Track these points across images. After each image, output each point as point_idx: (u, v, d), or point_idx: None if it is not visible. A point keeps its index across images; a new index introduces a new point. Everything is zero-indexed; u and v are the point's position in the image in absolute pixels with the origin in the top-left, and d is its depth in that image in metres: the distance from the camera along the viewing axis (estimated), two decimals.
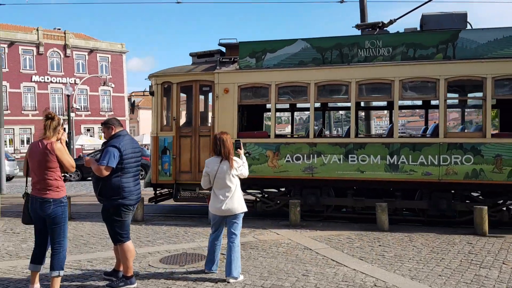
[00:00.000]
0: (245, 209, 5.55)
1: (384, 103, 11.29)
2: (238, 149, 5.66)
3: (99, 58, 46.35)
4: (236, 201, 5.42)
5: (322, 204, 9.34)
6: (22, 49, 41.63)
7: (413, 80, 8.84)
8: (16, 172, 23.46)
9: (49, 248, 4.97)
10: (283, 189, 9.93)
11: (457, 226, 8.54)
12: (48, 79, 42.81)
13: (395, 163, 8.62)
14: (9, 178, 20.23)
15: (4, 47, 39.16)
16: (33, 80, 42.07)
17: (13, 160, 23.84)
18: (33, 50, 42.23)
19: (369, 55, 8.92)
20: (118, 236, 5.28)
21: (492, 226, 8.06)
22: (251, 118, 11.18)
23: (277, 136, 9.98)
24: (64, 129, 5.07)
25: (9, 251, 7.02)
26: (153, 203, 10.67)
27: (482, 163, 8.22)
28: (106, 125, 5.38)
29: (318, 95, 9.26)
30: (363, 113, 13.23)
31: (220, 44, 10.34)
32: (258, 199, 9.91)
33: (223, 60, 9.87)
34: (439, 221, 8.72)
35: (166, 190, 10.69)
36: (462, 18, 8.85)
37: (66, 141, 5.27)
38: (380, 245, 7.11)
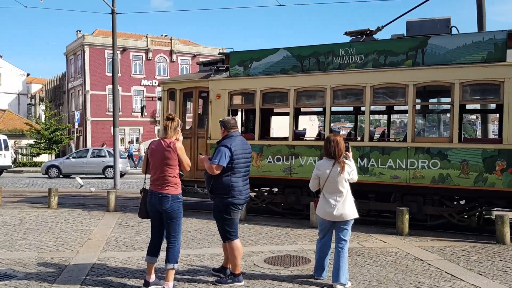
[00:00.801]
0: (357, 215, 5.34)
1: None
2: (347, 152, 5.47)
3: None
4: (347, 207, 5.24)
5: (302, 203, 9.94)
6: (133, 55, 44.89)
7: (383, 86, 9.05)
8: (127, 169, 25.35)
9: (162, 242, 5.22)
10: (275, 189, 10.52)
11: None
12: (155, 83, 45.68)
13: (365, 166, 8.92)
14: (121, 175, 21.85)
15: (118, 54, 42.57)
16: (142, 84, 45.17)
17: (125, 158, 25.77)
18: (142, 56, 45.34)
19: (343, 62, 9.29)
20: (227, 233, 5.38)
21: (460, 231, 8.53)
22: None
23: (261, 138, 10.39)
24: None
25: (125, 243, 7.52)
26: None
27: (448, 168, 8.26)
28: (221, 124, 5.54)
29: (298, 100, 9.78)
30: (473, 116, 12.47)
31: (219, 54, 11.41)
32: None
33: (217, 68, 10.77)
34: (411, 224, 8.48)
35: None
36: (444, 23, 8.91)
37: None
38: (501, 260, 6.48)
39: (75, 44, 45.24)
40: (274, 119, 12.96)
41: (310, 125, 50.69)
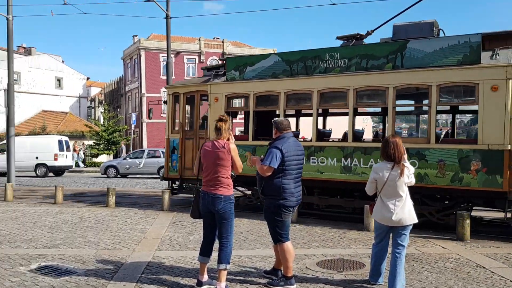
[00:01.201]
0: (416, 220, 5.09)
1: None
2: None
3: None
4: (407, 212, 5.01)
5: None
6: (186, 58, 45.87)
7: (365, 88, 9.43)
8: None
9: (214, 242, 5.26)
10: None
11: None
12: None
13: (349, 165, 9.38)
14: None
15: (172, 57, 43.65)
16: None
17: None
18: (195, 58, 46.22)
19: (329, 66, 9.72)
20: (278, 235, 5.33)
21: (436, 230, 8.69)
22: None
23: (254, 139, 10.83)
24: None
25: (179, 242, 7.66)
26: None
27: (426, 167, 8.54)
28: (274, 125, 5.50)
29: (288, 103, 10.38)
30: None
31: (220, 59, 13.60)
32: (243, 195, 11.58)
33: (216, 73, 11.54)
34: None
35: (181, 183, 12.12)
36: (429, 26, 9.09)
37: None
38: None
39: (131, 49, 46.83)
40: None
41: (364, 125, 50.01)
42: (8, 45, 19.59)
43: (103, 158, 37.07)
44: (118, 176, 24.92)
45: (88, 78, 54.75)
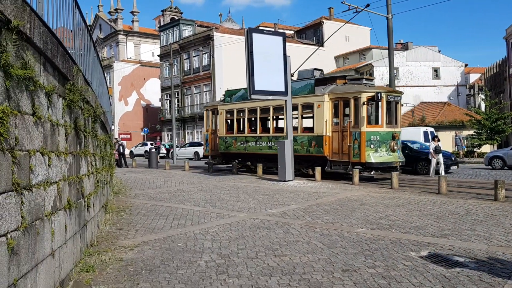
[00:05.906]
0: None
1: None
2: None
3: None
4: None
5: (253, 165, 20.98)
6: None
7: (277, 106, 19.34)
8: None
9: None
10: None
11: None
12: None
13: (269, 145, 19.72)
14: None
15: None
16: None
17: None
18: None
19: None
20: None
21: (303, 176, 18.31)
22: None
23: (238, 132, 22.14)
24: None
25: None
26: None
27: (297, 145, 18.17)
28: None
29: (249, 113, 21.33)
30: None
31: (226, 91, 23.29)
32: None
33: (222, 99, 23.16)
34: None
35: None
36: (311, 72, 19.14)
37: None
38: None
39: None
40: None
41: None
42: (389, 42, 21.05)
43: (486, 149, 34.79)
44: (505, 168, 22.75)
45: (466, 65, 52.59)
